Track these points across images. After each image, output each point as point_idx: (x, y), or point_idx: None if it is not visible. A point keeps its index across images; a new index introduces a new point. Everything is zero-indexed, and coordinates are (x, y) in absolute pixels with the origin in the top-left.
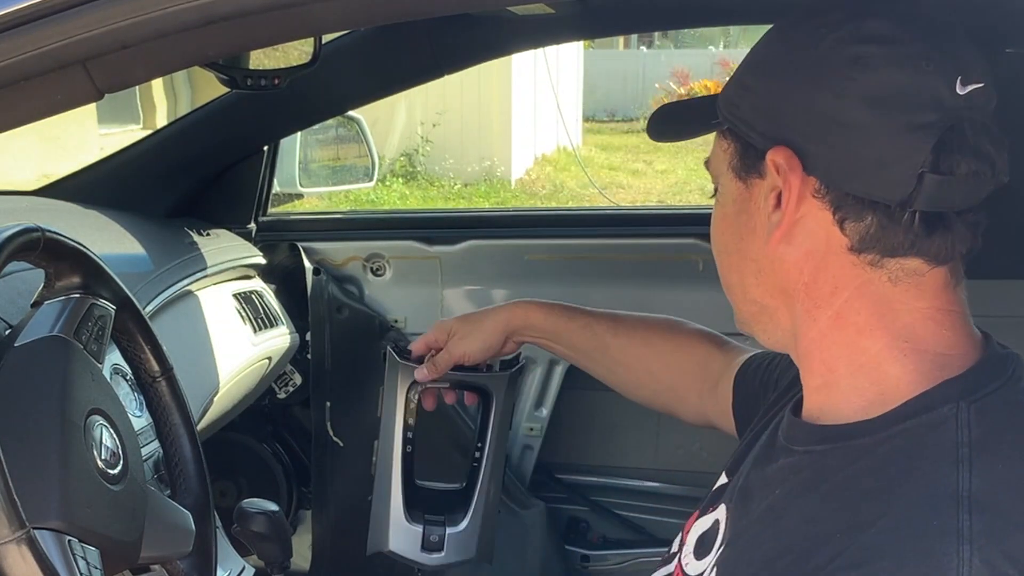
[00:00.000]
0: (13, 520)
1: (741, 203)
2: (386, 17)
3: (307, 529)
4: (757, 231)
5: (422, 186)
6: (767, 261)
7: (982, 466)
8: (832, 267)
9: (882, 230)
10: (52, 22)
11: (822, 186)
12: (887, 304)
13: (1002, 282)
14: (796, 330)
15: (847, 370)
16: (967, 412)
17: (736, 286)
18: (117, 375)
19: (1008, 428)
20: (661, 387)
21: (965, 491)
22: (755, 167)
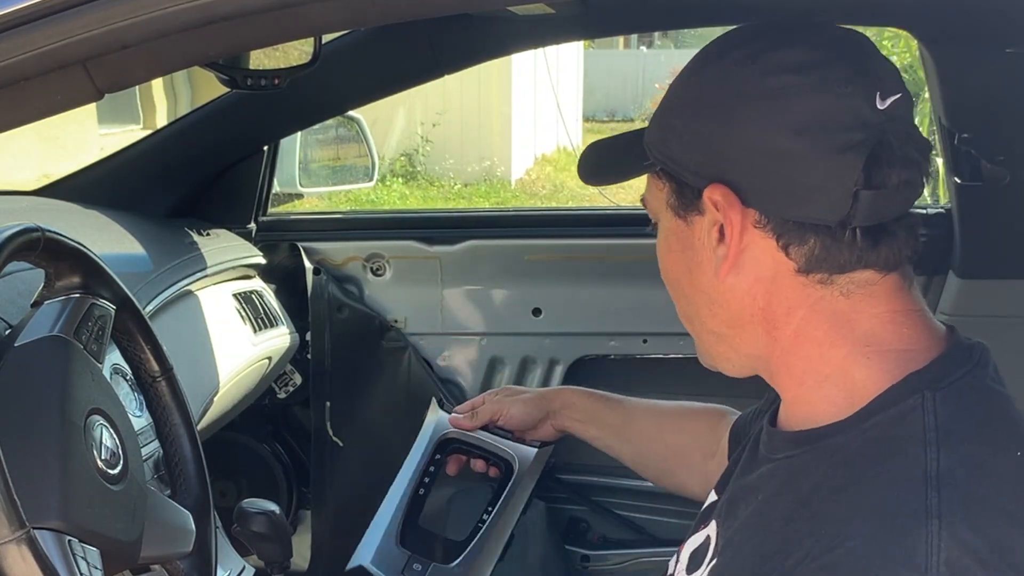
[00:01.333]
0: (13, 520)
1: (684, 240)
2: (386, 17)
3: (307, 529)
4: (704, 265)
5: (422, 186)
6: (718, 293)
7: (948, 447)
8: (783, 290)
9: (826, 250)
10: (52, 22)
11: (762, 216)
12: (843, 316)
13: (1002, 282)
14: (760, 352)
15: (815, 381)
16: (932, 400)
17: (693, 318)
18: (117, 375)
19: (973, 411)
20: (670, 455)
21: (932, 471)
22: (693, 204)
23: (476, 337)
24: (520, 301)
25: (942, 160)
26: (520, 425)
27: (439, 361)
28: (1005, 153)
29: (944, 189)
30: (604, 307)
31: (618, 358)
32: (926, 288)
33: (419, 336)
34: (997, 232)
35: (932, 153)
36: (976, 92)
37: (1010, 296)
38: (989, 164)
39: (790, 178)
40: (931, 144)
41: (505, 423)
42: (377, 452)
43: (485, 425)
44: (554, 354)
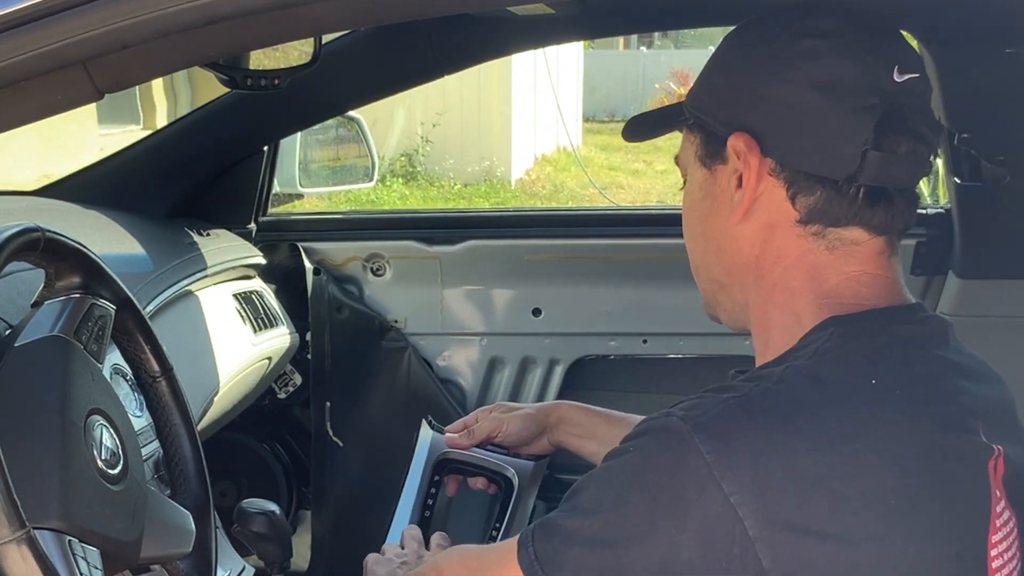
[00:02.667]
0: (13, 520)
1: (706, 188)
2: (386, 17)
3: (307, 529)
4: (720, 212)
5: (422, 186)
6: (727, 239)
7: (803, 362)
8: (778, 238)
9: (828, 203)
10: (52, 22)
11: (777, 165)
12: (819, 269)
13: (1002, 282)
14: (747, 300)
15: (777, 331)
16: (832, 335)
17: (701, 267)
18: (117, 375)
19: (859, 346)
20: None
21: (775, 375)
22: (718, 154)
23: (476, 337)
24: (520, 301)
25: (942, 160)
26: (517, 441)
27: (439, 361)
28: (1005, 153)
29: (944, 189)
30: (604, 307)
31: (618, 358)
32: (926, 288)
33: (419, 336)
34: (997, 232)
35: None
36: (976, 92)
37: (1010, 296)
38: (989, 164)
39: (807, 131)
40: (943, 127)
41: (502, 440)
42: (377, 452)
43: (481, 442)
44: (554, 354)
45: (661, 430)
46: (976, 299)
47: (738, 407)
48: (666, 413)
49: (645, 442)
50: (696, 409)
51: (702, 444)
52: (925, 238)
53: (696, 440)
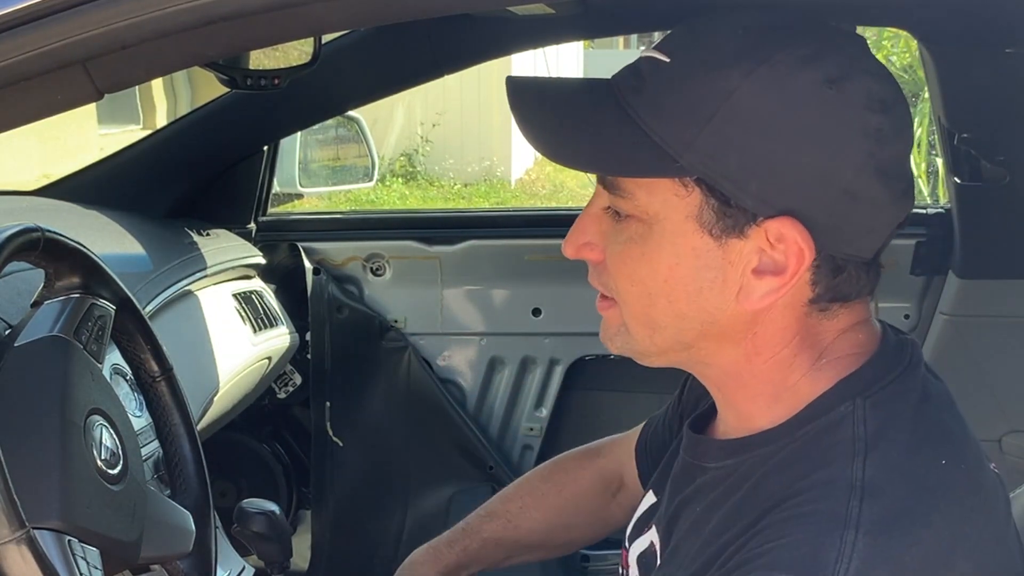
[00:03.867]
0: (13, 520)
1: (708, 260)
2: (386, 17)
3: (307, 529)
4: (725, 288)
5: (422, 186)
6: (725, 316)
7: (876, 457)
8: (785, 319)
9: (848, 283)
10: (52, 22)
11: (819, 254)
12: (817, 335)
13: (1002, 282)
14: (723, 368)
15: (767, 399)
16: (863, 408)
17: (667, 327)
18: (117, 375)
19: (902, 418)
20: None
21: (859, 480)
22: (737, 227)
23: (476, 337)
24: (520, 301)
25: (942, 160)
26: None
27: (439, 361)
28: (1005, 153)
29: (944, 189)
30: None
31: (618, 358)
32: (926, 288)
33: (419, 336)
34: (997, 232)
35: (932, 154)
36: (976, 92)
37: (1010, 296)
38: (989, 164)
39: (861, 220)
40: None
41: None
42: (377, 452)
43: None
44: (554, 354)
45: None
46: (976, 299)
47: (869, 549)
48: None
49: None
50: (825, 565)
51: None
52: (925, 238)
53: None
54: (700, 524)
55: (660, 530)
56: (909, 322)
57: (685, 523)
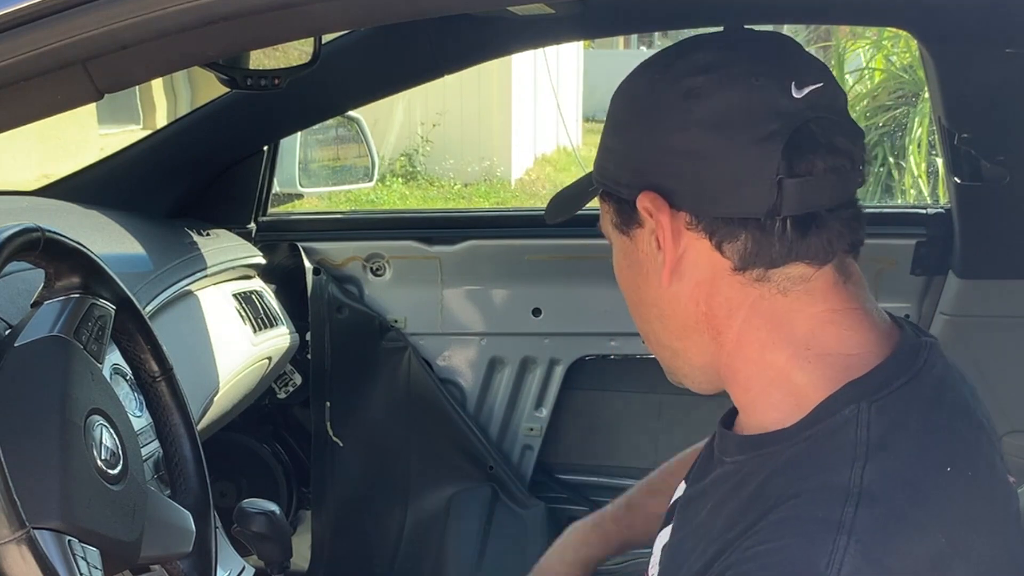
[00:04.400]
0: (13, 520)
1: (631, 255)
2: (386, 17)
3: (307, 529)
4: (650, 276)
5: (422, 186)
6: (665, 302)
7: (877, 463)
8: (723, 291)
9: (758, 244)
10: (52, 22)
11: (692, 217)
12: (783, 315)
13: (1002, 282)
14: (709, 361)
15: (760, 386)
16: (868, 412)
17: (649, 335)
18: (117, 375)
19: (907, 424)
20: None
21: (856, 486)
22: (632, 219)
23: (476, 337)
24: (520, 301)
25: (942, 160)
26: None
27: (439, 361)
28: (1005, 153)
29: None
30: (604, 307)
31: (618, 358)
32: (926, 288)
33: (419, 336)
34: (997, 232)
35: (932, 154)
36: (976, 92)
37: (1010, 296)
38: (989, 164)
39: (712, 175)
40: (862, 132)
41: None
42: (377, 452)
43: None
44: (554, 354)
45: None
46: (976, 299)
47: (860, 555)
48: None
49: None
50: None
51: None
52: (925, 238)
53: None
54: (707, 521)
55: (676, 521)
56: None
57: (695, 515)
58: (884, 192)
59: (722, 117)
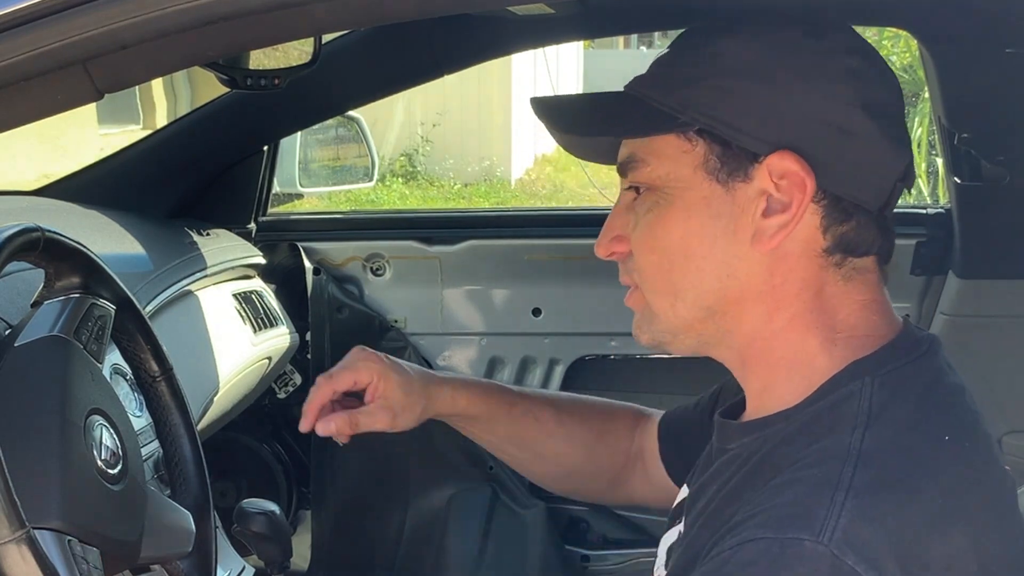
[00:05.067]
0: (13, 520)
1: (719, 206)
2: (386, 17)
3: (307, 529)
4: (739, 234)
5: (422, 186)
6: (742, 264)
7: (876, 429)
8: (802, 268)
9: (858, 233)
10: (52, 22)
11: (820, 192)
12: (834, 300)
13: (1002, 282)
14: (746, 334)
15: (786, 369)
16: (871, 386)
17: (690, 291)
18: (117, 375)
19: (908, 396)
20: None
21: (855, 449)
22: (740, 169)
23: (476, 337)
24: (520, 301)
25: (942, 160)
26: (386, 405)
27: (439, 361)
28: (1005, 153)
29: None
30: (604, 307)
31: (618, 358)
32: (926, 288)
33: (419, 336)
34: (997, 232)
35: (932, 153)
36: (976, 92)
37: (1010, 296)
38: (989, 164)
39: (855, 158)
40: None
41: (370, 397)
42: (377, 452)
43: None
44: (554, 354)
45: (805, 561)
46: (976, 299)
47: (857, 510)
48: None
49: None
50: (813, 521)
51: (856, 565)
52: (925, 238)
53: (847, 561)
54: (718, 504)
55: (686, 519)
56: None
57: (702, 504)
58: None
59: (878, 105)
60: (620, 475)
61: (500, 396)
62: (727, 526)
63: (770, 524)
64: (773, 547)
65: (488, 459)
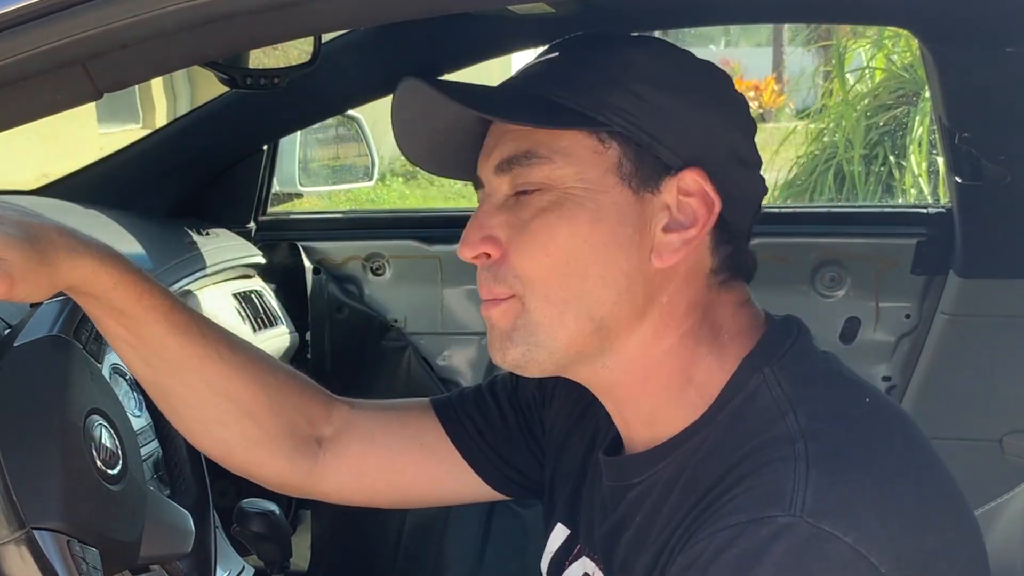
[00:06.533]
0: (13, 520)
1: (627, 214)
2: (386, 17)
3: (307, 529)
4: (640, 246)
5: (422, 186)
6: (639, 277)
7: (803, 408)
8: (690, 288)
9: (738, 256)
10: (52, 22)
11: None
12: (716, 311)
13: (1002, 282)
14: (630, 353)
15: (678, 383)
16: (772, 375)
17: (580, 300)
18: (117, 375)
19: (809, 373)
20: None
21: (796, 429)
22: (651, 180)
23: (476, 337)
24: None
25: (943, 159)
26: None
27: (439, 361)
28: (1005, 153)
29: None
30: None
31: None
32: (927, 288)
33: (419, 336)
34: (997, 232)
35: (933, 153)
36: (976, 92)
37: (1010, 296)
38: (990, 163)
39: (746, 185)
40: None
41: None
42: None
43: None
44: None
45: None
46: (976, 299)
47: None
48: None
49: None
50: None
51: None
52: (925, 238)
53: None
54: (643, 532)
55: (597, 557)
56: (910, 322)
57: (627, 538)
58: (885, 191)
59: (751, 136)
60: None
61: (161, 297)
62: (684, 534)
63: (741, 508)
64: (748, 528)
65: None
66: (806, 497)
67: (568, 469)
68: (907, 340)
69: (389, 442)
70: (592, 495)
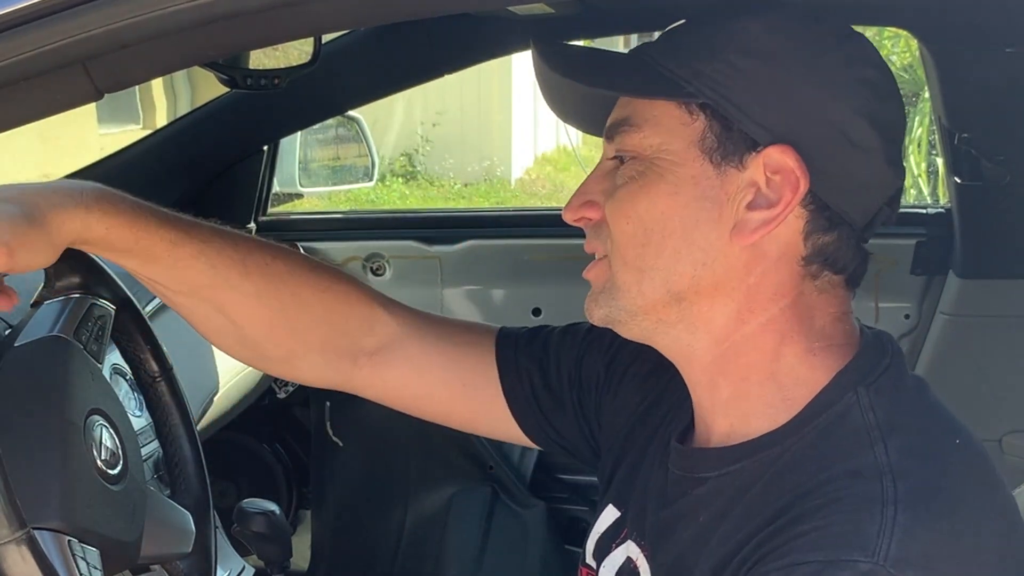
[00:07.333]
0: (13, 520)
1: (706, 189)
2: (386, 17)
3: (307, 529)
4: (721, 222)
5: (422, 186)
6: (718, 255)
7: (894, 441)
8: (780, 273)
9: (838, 247)
10: (52, 22)
11: (811, 196)
12: (810, 311)
13: (1002, 282)
14: (717, 331)
15: (759, 377)
16: (866, 396)
17: (658, 271)
18: (117, 375)
19: (903, 403)
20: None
21: (885, 464)
22: (736, 154)
23: None
24: (520, 301)
25: (942, 160)
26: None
27: None
28: (1005, 153)
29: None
30: None
31: None
32: (926, 288)
33: None
34: (997, 232)
35: (932, 153)
36: (976, 92)
37: (1010, 296)
38: (989, 164)
39: (854, 170)
40: None
41: None
42: (377, 452)
43: None
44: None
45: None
46: (976, 299)
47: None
48: (844, 563)
49: None
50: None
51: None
52: (925, 238)
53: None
54: (706, 533)
55: (645, 544)
56: (909, 322)
57: (685, 535)
58: None
59: (886, 121)
60: (331, 361)
61: (160, 230)
62: (753, 553)
63: (820, 546)
64: (827, 570)
65: (488, 459)
66: (891, 545)
67: (631, 456)
68: (906, 340)
69: (435, 379)
70: (648, 481)
